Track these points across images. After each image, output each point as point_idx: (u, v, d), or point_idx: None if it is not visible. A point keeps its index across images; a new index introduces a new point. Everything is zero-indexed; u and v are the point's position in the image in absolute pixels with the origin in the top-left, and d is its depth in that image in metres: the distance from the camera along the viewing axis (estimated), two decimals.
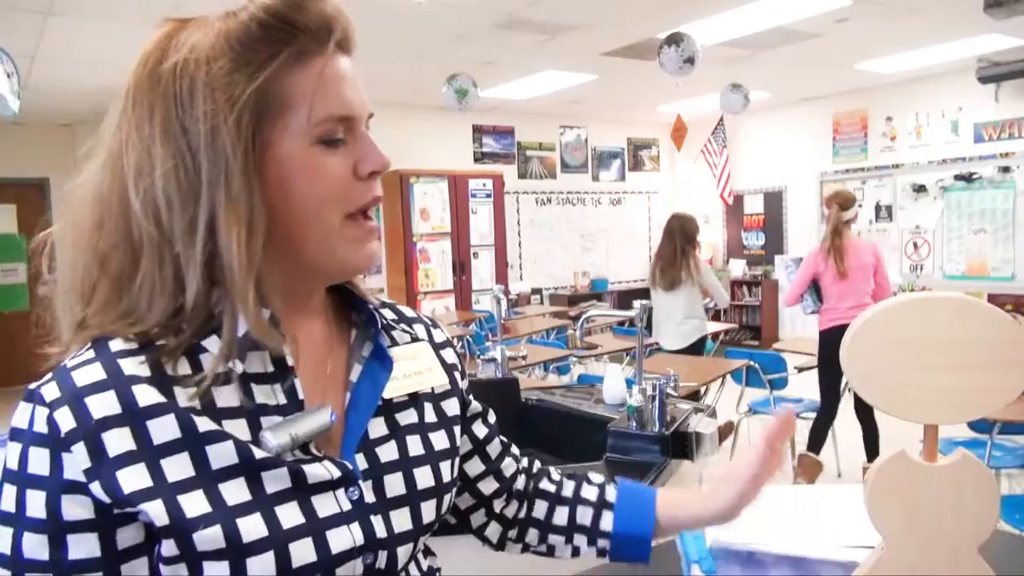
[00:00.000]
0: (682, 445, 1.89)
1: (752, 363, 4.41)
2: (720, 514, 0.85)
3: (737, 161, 9.21)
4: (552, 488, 0.90)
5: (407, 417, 0.74)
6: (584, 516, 0.87)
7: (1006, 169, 6.94)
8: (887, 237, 7.87)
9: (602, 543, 0.86)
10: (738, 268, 9.27)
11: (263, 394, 0.65)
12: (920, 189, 7.58)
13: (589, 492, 0.88)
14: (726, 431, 4.77)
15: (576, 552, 0.87)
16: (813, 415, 4.27)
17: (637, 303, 1.91)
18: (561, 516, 0.88)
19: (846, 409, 4.21)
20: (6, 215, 7.86)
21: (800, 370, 4.55)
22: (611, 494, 0.88)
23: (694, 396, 3.73)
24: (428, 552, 0.81)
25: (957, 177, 7.28)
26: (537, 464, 0.94)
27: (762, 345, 8.11)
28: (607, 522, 0.85)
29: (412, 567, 0.74)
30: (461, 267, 7.92)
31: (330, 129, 0.65)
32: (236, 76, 0.62)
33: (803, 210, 8.65)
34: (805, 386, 4.62)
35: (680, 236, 4.57)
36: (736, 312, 9.13)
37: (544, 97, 7.61)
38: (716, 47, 5.70)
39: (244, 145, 0.62)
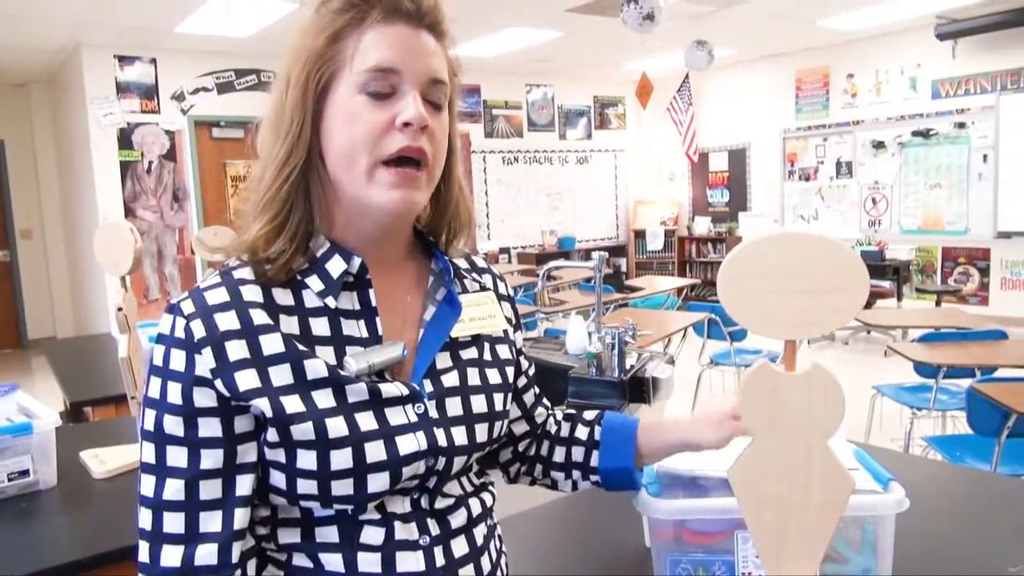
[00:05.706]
0: (639, 389, 1.98)
1: (713, 316, 4.54)
2: (700, 441, 0.89)
3: (702, 118, 9.28)
4: (553, 429, 1.01)
5: (468, 353, 0.86)
6: (578, 455, 0.98)
7: (961, 125, 7.10)
8: (847, 193, 8.04)
9: (594, 478, 0.97)
10: (703, 225, 9.41)
11: (349, 327, 0.78)
12: (879, 145, 7.73)
13: (582, 432, 0.99)
14: None
15: (575, 486, 0.99)
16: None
17: (596, 255, 1.99)
18: (559, 455, 0.99)
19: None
20: None
21: None
22: (598, 433, 0.97)
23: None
24: (482, 472, 0.93)
25: (915, 133, 7.44)
26: (557, 409, 1.05)
27: None
28: (595, 459, 0.96)
29: (465, 480, 0.86)
30: None
31: (368, 79, 0.74)
32: (308, 36, 0.76)
33: (766, 167, 8.77)
34: (764, 338, 4.76)
35: None
36: (700, 268, 9.30)
37: (510, 55, 7.58)
38: (681, 3, 5.73)
39: (305, 91, 0.76)
